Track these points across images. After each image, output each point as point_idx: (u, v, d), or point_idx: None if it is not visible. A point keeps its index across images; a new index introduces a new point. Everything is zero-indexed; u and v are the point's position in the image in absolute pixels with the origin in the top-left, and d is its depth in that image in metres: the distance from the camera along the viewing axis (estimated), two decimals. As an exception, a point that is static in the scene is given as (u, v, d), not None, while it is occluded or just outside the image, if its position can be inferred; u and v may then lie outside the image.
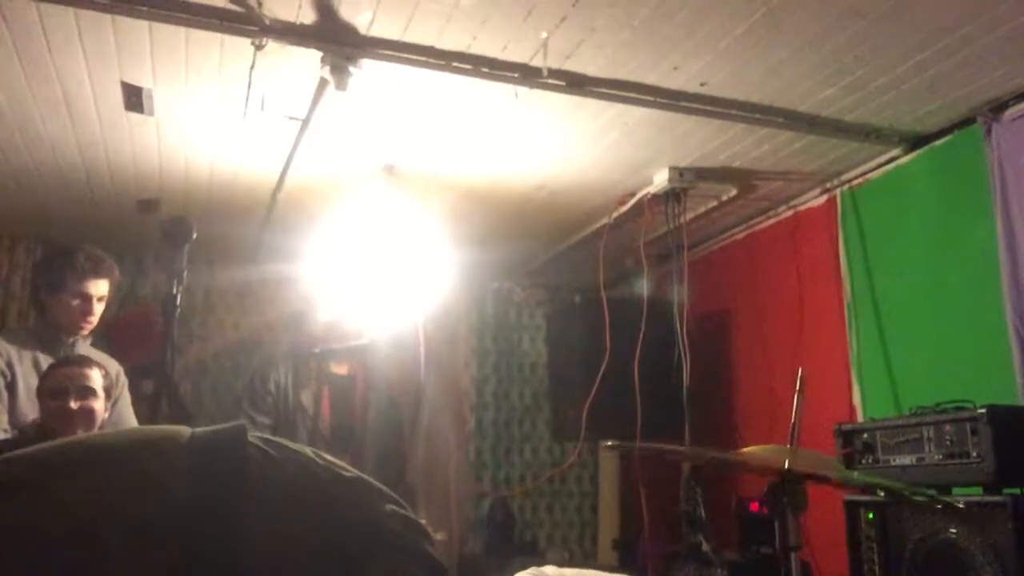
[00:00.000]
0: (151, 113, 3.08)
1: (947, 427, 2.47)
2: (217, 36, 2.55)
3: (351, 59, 2.64)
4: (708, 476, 3.38)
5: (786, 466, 1.39)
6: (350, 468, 0.85)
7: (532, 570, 1.67)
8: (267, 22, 2.49)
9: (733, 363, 4.42)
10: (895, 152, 3.44)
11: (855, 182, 3.68)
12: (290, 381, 3.43)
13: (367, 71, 2.70)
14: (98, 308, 2.98)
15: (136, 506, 0.73)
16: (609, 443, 2.02)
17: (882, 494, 2.55)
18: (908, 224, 3.41)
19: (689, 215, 3.97)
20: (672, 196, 3.79)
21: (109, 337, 3.59)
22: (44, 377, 2.66)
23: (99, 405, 2.61)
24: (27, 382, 2.80)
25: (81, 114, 3.10)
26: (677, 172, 3.63)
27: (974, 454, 2.37)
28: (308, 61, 2.66)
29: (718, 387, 4.39)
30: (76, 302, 2.91)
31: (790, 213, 4.07)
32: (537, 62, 2.74)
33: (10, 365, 2.83)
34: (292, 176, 3.58)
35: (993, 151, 2.97)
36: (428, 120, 3.16)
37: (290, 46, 2.58)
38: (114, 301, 3.24)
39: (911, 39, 2.62)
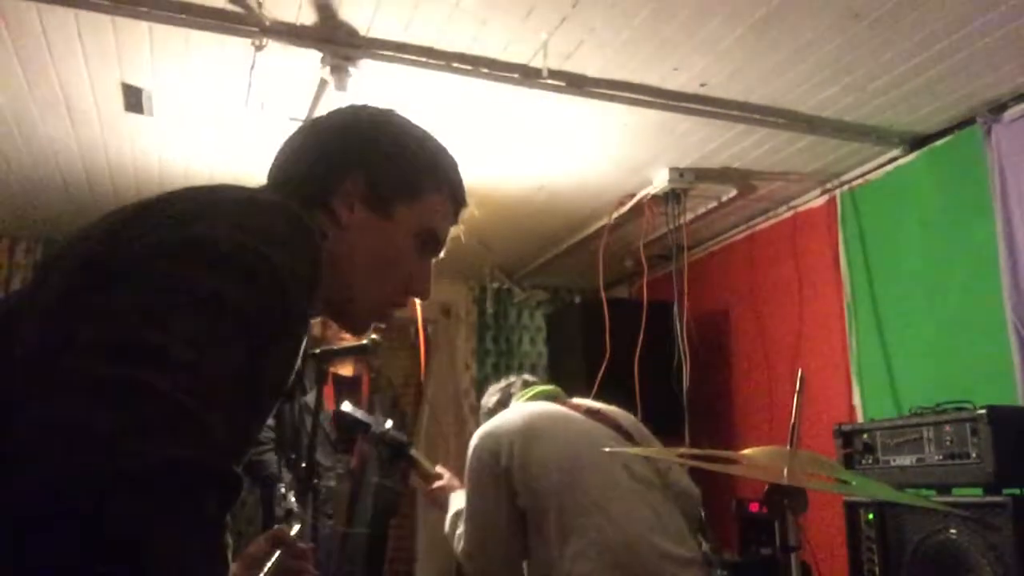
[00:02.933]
0: (151, 114, 3.08)
1: (947, 427, 2.46)
2: (217, 37, 2.55)
3: (351, 60, 2.65)
4: (708, 476, 3.38)
5: (784, 475, 1.39)
6: None
7: None
8: (267, 23, 2.49)
9: (733, 363, 4.42)
10: (895, 152, 3.44)
11: (855, 182, 3.68)
12: (295, 384, 3.44)
13: (367, 72, 2.70)
14: None
15: None
16: (608, 449, 2.02)
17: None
18: (908, 224, 3.41)
19: (689, 216, 3.97)
20: (672, 197, 3.79)
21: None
22: None
23: None
24: None
25: (81, 115, 3.10)
26: (677, 173, 3.63)
27: (974, 454, 2.37)
28: (308, 62, 2.66)
29: (718, 388, 4.39)
30: None
31: (790, 214, 4.07)
32: (537, 63, 2.74)
33: None
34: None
35: (993, 151, 2.97)
36: (428, 121, 3.15)
37: (290, 47, 2.58)
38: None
39: (911, 40, 2.62)
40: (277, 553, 1.40)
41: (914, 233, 3.37)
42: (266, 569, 1.37)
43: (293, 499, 2.13)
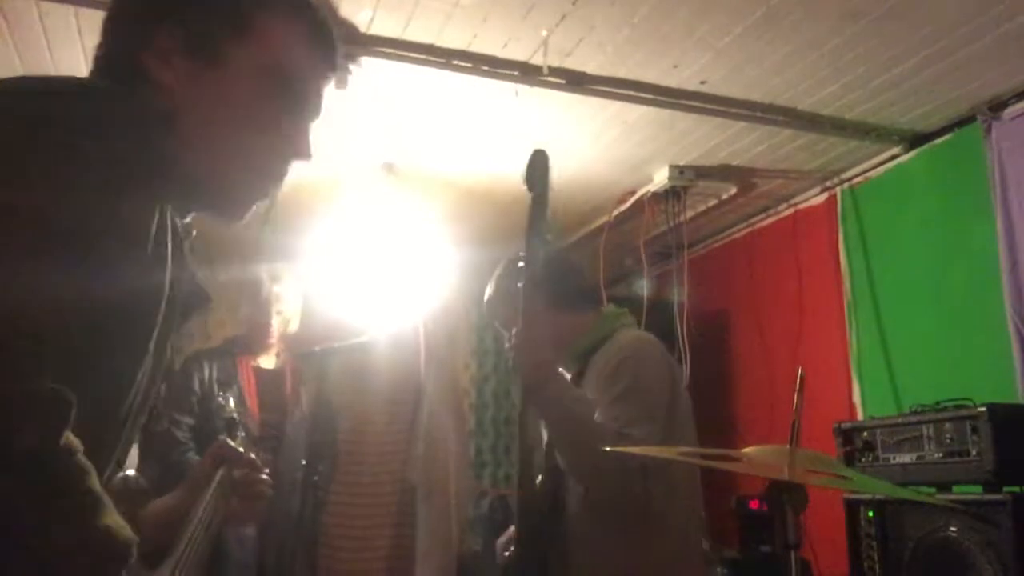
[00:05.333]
0: (151, 111, 3.08)
1: (947, 425, 2.47)
2: (217, 34, 2.54)
3: (351, 57, 2.64)
4: (708, 474, 3.38)
5: (784, 472, 1.39)
6: None
7: None
8: (267, 20, 2.49)
9: (733, 362, 4.42)
10: (895, 150, 3.44)
11: (855, 180, 3.68)
12: (214, 378, 3.27)
13: (367, 69, 2.70)
14: None
15: None
16: (607, 448, 2.01)
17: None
18: (908, 223, 3.41)
19: (689, 213, 3.96)
20: (672, 194, 3.79)
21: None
22: None
23: None
24: None
25: (81, 112, 3.09)
26: (677, 170, 3.63)
27: (974, 452, 2.37)
28: (308, 59, 2.66)
29: (718, 385, 4.39)
30: None
31: (790, 211, 4.07)
32: (537, 60, 2.74)
33: None
34: (291, 174, 3.57)
35: (993, 150, 2.97)
36: (428, 118, 3.16)
37: (290, 44, 2.58)
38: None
39: (911, 38, 2.62)
40: (220, 471, 1.33)
41: (914, 231, 3.37)
42: (211, 488, 1.30)
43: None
